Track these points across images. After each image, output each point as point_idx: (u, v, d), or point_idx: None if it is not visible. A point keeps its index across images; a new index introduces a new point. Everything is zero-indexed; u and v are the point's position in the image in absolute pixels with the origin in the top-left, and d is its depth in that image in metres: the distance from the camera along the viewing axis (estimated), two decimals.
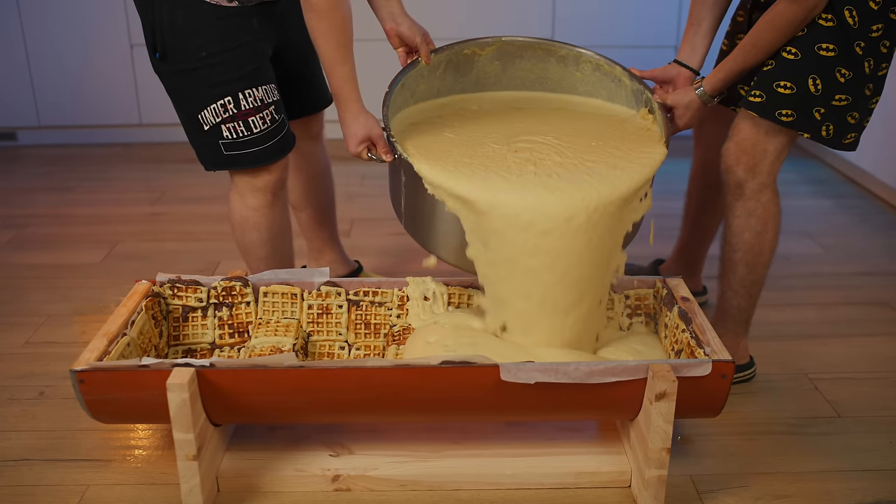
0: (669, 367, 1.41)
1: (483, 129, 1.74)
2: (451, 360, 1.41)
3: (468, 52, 1.84)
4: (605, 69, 1.84)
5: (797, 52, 1.65)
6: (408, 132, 1.72)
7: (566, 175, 1.54)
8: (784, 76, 1.67)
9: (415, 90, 1.83)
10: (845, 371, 1.94)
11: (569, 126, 1.76)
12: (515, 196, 1.49)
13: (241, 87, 1.71)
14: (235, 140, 1.73)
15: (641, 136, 1.72)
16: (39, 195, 3.18)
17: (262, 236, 1.85)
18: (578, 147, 1.66)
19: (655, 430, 1.41)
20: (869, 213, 2.97)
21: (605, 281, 1.59)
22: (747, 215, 1.78)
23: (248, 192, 1.81)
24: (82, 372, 1.42)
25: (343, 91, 1.66)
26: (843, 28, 1.62)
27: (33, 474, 1.60)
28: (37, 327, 2.16)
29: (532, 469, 1.55)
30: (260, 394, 1.45)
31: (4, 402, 1.83)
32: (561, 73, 1.89)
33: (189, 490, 1.45)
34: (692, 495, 1.53)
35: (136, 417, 1.57)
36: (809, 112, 1.68)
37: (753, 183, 1.75)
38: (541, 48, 1.86)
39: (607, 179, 1.53)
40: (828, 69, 1.64)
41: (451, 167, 1.56)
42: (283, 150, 1.79)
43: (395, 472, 1.54)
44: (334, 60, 1.64)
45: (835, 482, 1.57)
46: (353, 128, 1.67)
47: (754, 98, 1.70)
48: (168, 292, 1.74)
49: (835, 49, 1.63)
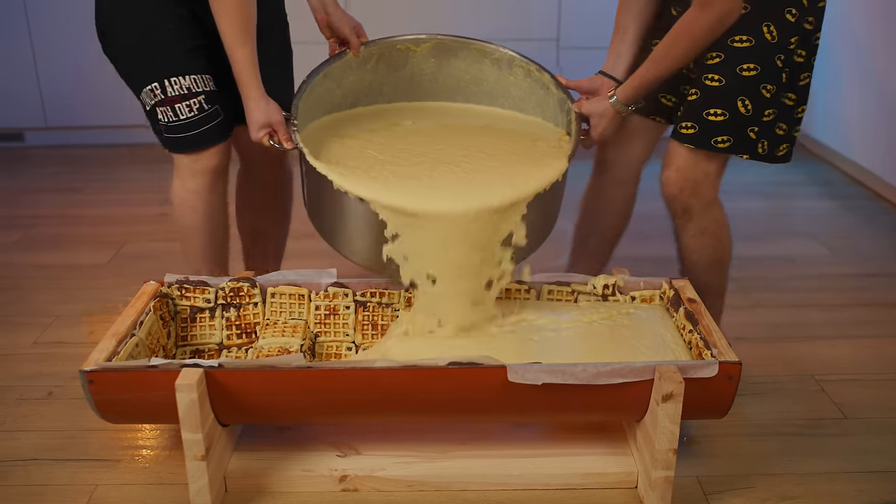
0: (676, 368, 1.41)
1: (405, 141, 1.76)
2: (459, 362, 1.41)
3: (401, 48, 1.84)
4: (535, 75, 1.83)
5: (720, 77, 1.66)
6: (325, 135, 1.76)
7: (460, 183, 1.60)
8: (713, 104, 1.67)
9: (342, 81, 1.83)
10: (852, 372, 1.94)
11: (489, 145, 1.75)
12: (393, 193, 1.56)
13: (167, 74, 1.72)
14: (168, 124, 1.76)
15: (549, 155, 1.71)
16: (47, 196, 3.19)
17: (198, 220, 1.85)
18: (483, 164, 1.67)
19: (662, 431, 1.41)
20: (875, 214, 2.97)
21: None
22: (700, 234, 1.80)
23: (188, 175, 1.82)
24: (92, 372, 1.42)
25: (242, 75, 1.67)
26: (762, 45, 1.63)
27: (42, 474, 1.61)
28: (45, 328, 2.17)
29: (539, 470, 1.55)
30: (268, 394, 1.45)
31: (13, 402, 1.84)
32: (496, 75, 1.88)
33: (197, 490, 1.45)
34: (699, 496, 1.54)
35: (145, 418, 1.57)
36: (745, 133, 1.68)
37: (700, 204, 1.76)
38: (476, 49, 1.85)
39: (494, 190, 1.58)
40: (753, 88, 1.65)
41: (341, 164, 1.63)
42: (214, 139, 1.78)
43: (403, 473, 1.54)
44: (233, 42, 1.65)
45: (841, 484, 1.57)
46: (255, 114, 1.68)
47: (687, 130, 1.70)
48: (176, 293, 1.75)
49: (756, 67, 1.64)
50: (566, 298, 1.79)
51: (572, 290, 1.79)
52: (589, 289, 1.79)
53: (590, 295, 1.79)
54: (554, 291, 1.79)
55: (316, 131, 1.80)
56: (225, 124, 1.81)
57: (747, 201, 3.13)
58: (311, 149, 1.67)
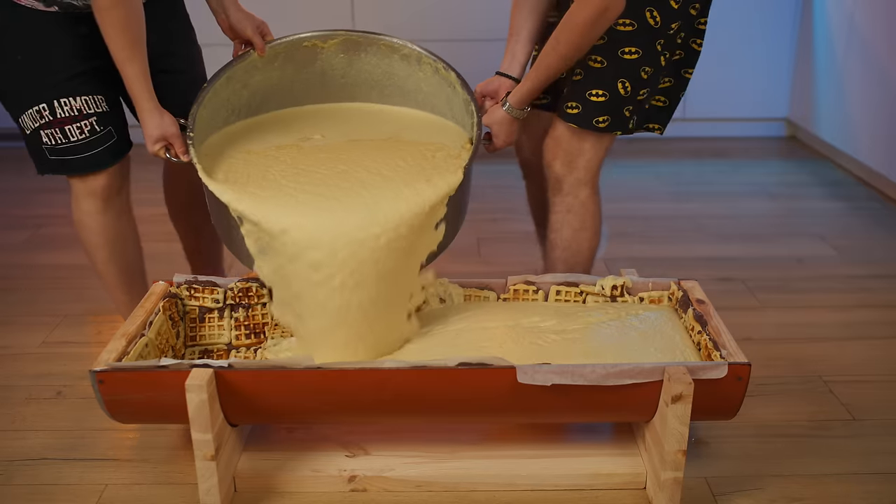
0: (685, 369, 1.41)
1: (309, 159, 1.73)
2: (468, 362, 1.41)
3: (308, 45, 1.81)
4: (442, 73, 1.80)
5: (602, 59, 1.70)
6: (232, 149, 1.74)
7: (344, 200, 1.57)
8: (595, 85, 1.71)
9: (247, 81, 1.81)
10: (860, 374, 1.94)
11: (388, 163, 1.71)
12: (284, 214, 1.53)
13: (55, 95, 1.68)
14: (55, 146, 1.71)
15: (446, 166, 1.67)
16: (55, 195, 3.19)
17: (96, 240, 1.83)
18: (375, 180, 1.64)
19: (671, 432, 1.41)
20: (883, 215, 2.96)
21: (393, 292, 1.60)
22: (566, 211, 1.82)
23: (81, 196, 1.79)
24: (102, 372, 1.43)
25: (134, 90, 1.64)
26: (645, 29, 1.67)
27: (51, 473, 1.61)
28: (53, 327, 2.17)
29: (547, 470, 1.55)
30: (278, 395, 1.46)
31: (22, 401, 1.85)
32: (406, 71, 1.86)
33: (207, 490, 1.46)
34: (707, 497, 1.54)
35: (155, 417, 1.58)
36: (620, 112, 1.73)
37: (571, 178, 1.79)
38: (384, 45, 1.83)
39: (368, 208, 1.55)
40: (633, 71, 1.70)
41: (232, 180, 1.61)
42: (104, 163, 1.75)
43: (411, 473, 1.54)
44: (122, 58, 1.61)
45: (851, 485, 1.57)
46: (149, 127, 1.66)
47: (571, 110, 1.74)
48: (185, 293, 1.75)
49: (638, 51, 1.68)
50: (574, 299, 1.79)
51: (580, 290, 1.79)
52: (597, 289, 1.79)
53: (598, 296, 1.79)
54: (562, 292, 1.79)
55: (223, 142, 1.78)
56: (118, 146, 1.77)
57: (754, 202, 3.12)
58: (214, 162, 1.67)
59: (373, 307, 1.56)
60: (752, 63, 3.80)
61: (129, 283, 1.89)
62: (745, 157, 3.68)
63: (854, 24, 3.28)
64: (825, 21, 3.52)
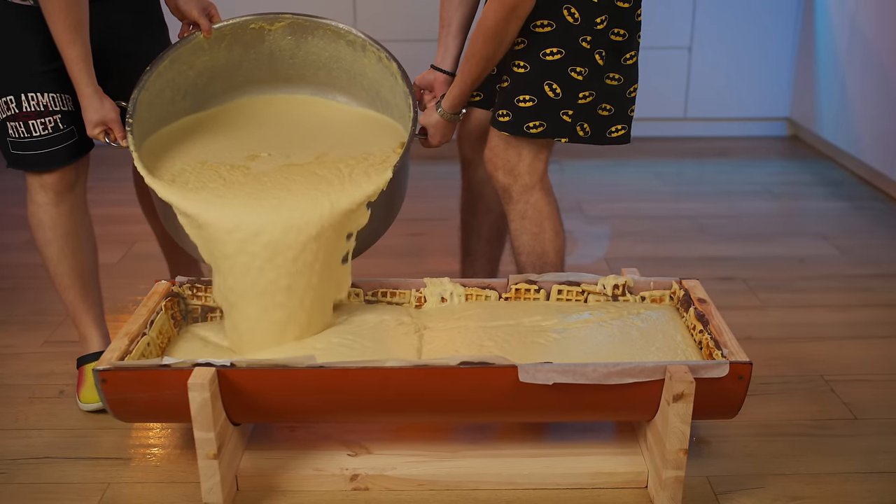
0: (687, 368, 1.41)
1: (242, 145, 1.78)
2: (470, 361, 1.42)
3: (255, 27, 1.82)
4: (385, 63, 1.80)
5: (525, 64, 1.68)
6: (175, 147, 1.77)
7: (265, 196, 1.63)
8: (521, 90, 1.69)
9: (193, 62, 1.82)
10: (861, 373, 1.94)
11: (325, 153, 1.77)
12: (211, 207, 1.59)
13: (24, 89, 1.69)
14: (18, 140, 1.72)
15: (378, 166, 1.71)
16: None
17: (46, 235, 1.81)
18: (308, 176, 1.69)
19: (673, 431, 1.41)
20: (884, 215, 2.96)
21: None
22: (520, 218, 1.81)
23: (35, 188, 1.79)
24: (104, 371, 1.43)
25: (74, 73, 1.65)
26: (565, 28, 1.64)
27: (54, 472, 1.62)
28: (55, 326, 2.18)
29: (549, 469, 1.55)
30: (280, 394, 1.46)
31: (25, 400, 1.85)
32: (352, 56, 1.86)
33: (209, 488, 1.46)
34: (709, 496, 1.54)
35: (157, 416, 1.58)
36: (557, 117, 1.69)
37: (517, 186, 1.78)
38: (330, 30, 1.83)
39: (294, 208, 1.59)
40: (559, 72, 1.66)
41: (167, 173, 1.66)
42: (59, 162, 1.75)
43: (413, 472, 1.55)
44: (63, 41, 1.62)
45: (852, 484, 1.57)
46: (88, 112, 1.67)
47: (503, 118, 1.72)
48: (187, 292, 1.76)
49: (560, 51, 1.65)
50: (576, 298, 1.79)
51: (582, 290, 1.79)
52: (599, 289, 1.79)
53: (599, 295, 1.79)
54: (564, 291, 1.79)
55: (170, 137, 1.81)
56: (77, 146, 1.77)
57: (756, 201, 3.13)
58: (160, 161, 1.70)
59: (294, 293, 1.60)
60: (753, 63, 3.81)
61: (80, 283, 1.85)
62: (747, 157, 3.68)
63: (855, 23, 3.28)
64: (827, 20, 3.52)
